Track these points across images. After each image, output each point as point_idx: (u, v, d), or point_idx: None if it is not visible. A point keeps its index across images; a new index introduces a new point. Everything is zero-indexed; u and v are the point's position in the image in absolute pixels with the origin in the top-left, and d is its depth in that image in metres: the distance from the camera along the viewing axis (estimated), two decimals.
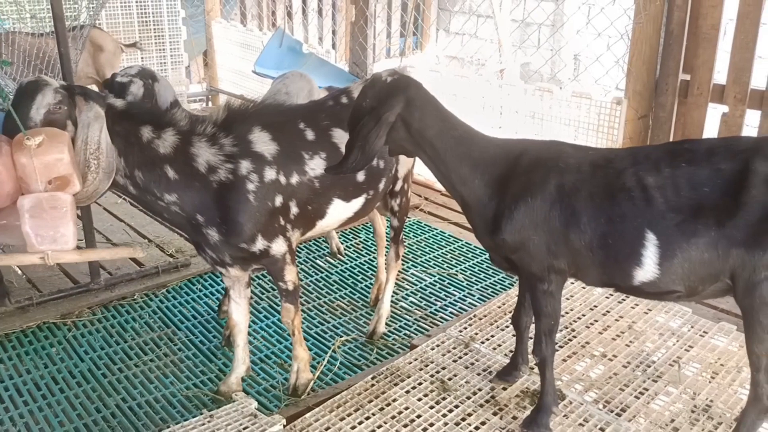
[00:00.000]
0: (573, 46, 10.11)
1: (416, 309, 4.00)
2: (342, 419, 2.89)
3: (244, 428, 2.81)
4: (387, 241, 3.98)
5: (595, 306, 3.74)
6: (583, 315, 3.66)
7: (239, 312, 3.14)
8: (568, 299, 3.79)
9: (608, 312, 3.68)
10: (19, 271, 4.16)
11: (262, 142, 2.79)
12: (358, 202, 3.18)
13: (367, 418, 2.90)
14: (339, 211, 3.13)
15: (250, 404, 2.98)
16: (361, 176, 3.10)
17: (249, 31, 7.52)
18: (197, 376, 3.38)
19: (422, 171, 5.75)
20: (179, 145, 2.71)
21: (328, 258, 4.65)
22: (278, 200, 2.82)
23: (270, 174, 2.78)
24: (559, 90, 4.62)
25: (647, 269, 2.41)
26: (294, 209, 2.91)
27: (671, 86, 4.09)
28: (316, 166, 2.92)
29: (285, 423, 2.86)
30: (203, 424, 2.83)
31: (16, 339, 3.60)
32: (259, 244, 2.81)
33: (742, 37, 3.81)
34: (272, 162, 2.79)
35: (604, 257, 2.47)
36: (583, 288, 3.91)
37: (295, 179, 2.86)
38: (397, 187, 3.47)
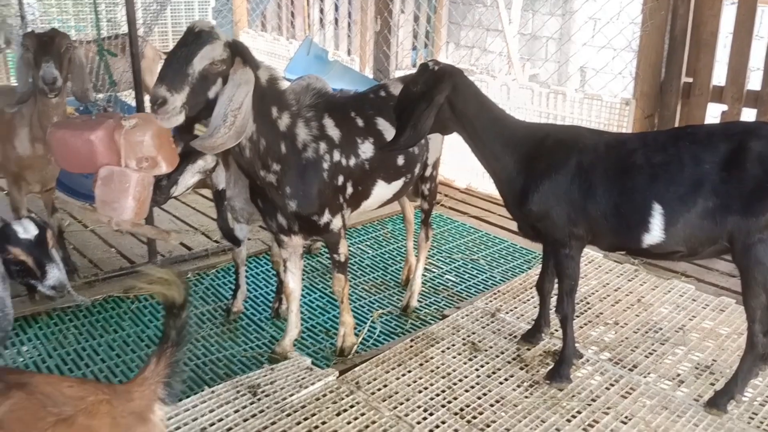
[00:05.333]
0: (579, 57, 10.58)
1: (443, 288, 4.40)
2: (387, 372, 3.29)
3: (302, 378, 3.21)
4: (415, 226, 4.39)
5: (608, 284, 4.14)
6: (597, 291, 4.05)
7: (294, 281, 3.52)
8: (582, 278, 4.18)
9: (619, 288, 4.08)
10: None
11: (331, 127, 3.20)
12: (397, 185, 3.58)
13: (409, 372, 3.30)
14: (381, 192, 3.53)
15: (305, 360, 3.39)
16: (401, 160, 3.51)
17: (276, 41, 7.98)
18: (252, 341, 3.78)
19: (442, 170, 6.16)
20: (290, 126, 3.07)
21: (359, 245, 5.05)
22: (341, 179, 3.23)
23: (337, 156, 3.19)
24: (571, 92, 5.04)
25: (654, 234, 2.81)
26: (350, 189, 3.31)
27: (675, 88, 4.52)
28: (366, 149, 3.32)
29: (337, 374, 3.26)
30: (266, 375, 3.24)
31: (86, 309, 4.01)
32: (325, 217, 3.21)
33: (739, 43, 4.24)
34: (338, 145, 3.19)
35: (617, 224, 2.88)
36: (597, 268, 4.31)
37: (352, 161, 3.27)
38: (427, 173, 3.88)
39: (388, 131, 3.33)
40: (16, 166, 3.70)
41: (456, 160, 6.25)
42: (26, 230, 2.66)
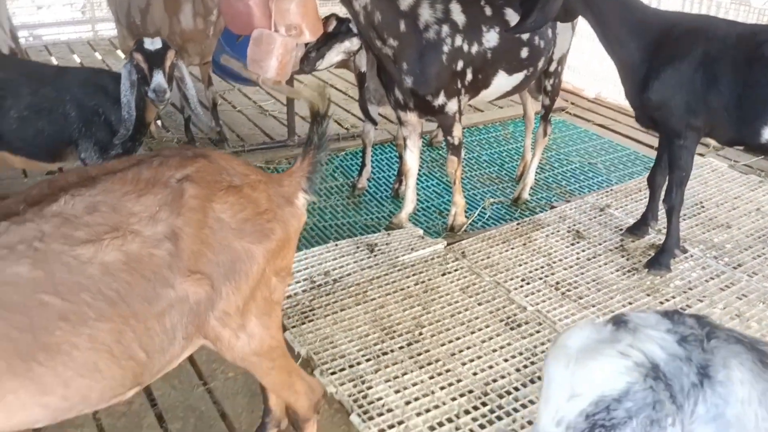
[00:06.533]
0: None
1: (556, 186, 4.53)
2: (491, 247, 3.56)
3: (414, 243, 3.56)
4: (534, 125, 4.50)
5: (727, 191, 4.09)
6: (714, 197, 4.03)
7: (412, 159, 3.82)
8: (702, 184, 4.16)
9: (739, 197, 4.02)
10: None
11: (457, 12, 3.36)
12: (518, 77, 3.70)
13: (512, 248, 3.55)
14: (501, 83, 3.67)
15: (418, 230, 3.73)
16: (525, 53, 3.62)
17: None
18: (372, 213, 4.17)
19: (569, 78, 6.12)
20: (413, 5, 3.29)
21: (479, 143, 5.24)
22: (460, 65, 3.41)
23: (458, 41, 3.36)
24: None
25: None
26: (469, 75, 3.49)
27: None
28: (491, 38, 3.46)
29: (446, 244, 3.58)
30: (383, 237, 3.62)
31: None
32: (440, 99, 3.43)
33: None
34: (461, 31, 3.36)
35: (737, 117, 2.88)
36: (719, 177, 4.24)
37: (474, 48, 3.42)
38: (552, 68, 3.94)
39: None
40: (180, 39, 4.22)
41: (586, 69, 6.16)
42: (153, 44, 3.14)
